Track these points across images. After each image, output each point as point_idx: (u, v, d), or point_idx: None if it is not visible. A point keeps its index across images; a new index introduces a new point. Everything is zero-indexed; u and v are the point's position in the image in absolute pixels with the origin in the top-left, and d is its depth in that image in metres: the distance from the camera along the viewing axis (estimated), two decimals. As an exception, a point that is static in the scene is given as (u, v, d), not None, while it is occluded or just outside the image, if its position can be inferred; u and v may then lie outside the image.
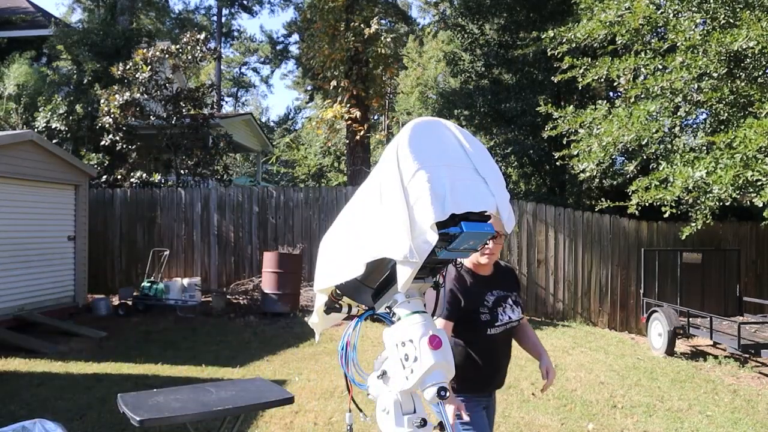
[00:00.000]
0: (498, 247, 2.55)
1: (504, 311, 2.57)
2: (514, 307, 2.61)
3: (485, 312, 2.52)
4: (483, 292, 2.56)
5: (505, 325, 2.56)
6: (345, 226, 1.76)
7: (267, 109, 54.37)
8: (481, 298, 2.55)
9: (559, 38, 7.54)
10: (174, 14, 29.66)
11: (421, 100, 22.03)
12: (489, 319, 2.51)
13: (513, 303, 2.61)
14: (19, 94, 11.99)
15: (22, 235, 7.87)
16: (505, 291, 2.62)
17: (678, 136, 7.34)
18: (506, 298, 2.60)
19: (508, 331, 2.62)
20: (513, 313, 2.59)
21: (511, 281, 2.70)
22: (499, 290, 2.60)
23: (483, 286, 2.58)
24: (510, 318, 2.57)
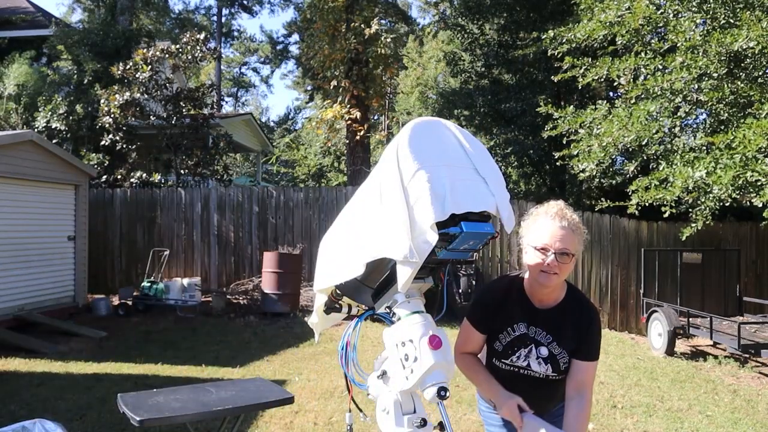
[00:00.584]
0: (563, 267, 1.93)
1: (524, 356, 2.06)
2: (543, 363, 2.03)
3: (500, 342, 2.09)
4: (517, 318, 2.07)
5: (515, 369, 2.08)
6: (345, 226, 1.76)
7: (267, 109, 54.40)
8: (510, 322, 2.07)
9: (559, 38, 7.54)
10: (174, 14, 29.65)
11: (421, 100, 22.03)
12: (500, 351, 2.09)
13: (546, 358, 2.03)
14: (19, 94, 11.99)
15: (22, 235, 7.87)
16: (544, 332, 2.04)
17: (678, 137, 7.33)
18: (538, 346, 2.04)
19: (532, 380, 2.08)
20: (539, 366, 2.04)
21: (570, 330, 2.03)
22: (538, 328, 2.04)
23: (522, 311, 2.06)
24: (528, 366, 2.05)
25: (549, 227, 1.95)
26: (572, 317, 2.04)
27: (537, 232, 1.98)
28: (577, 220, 2.00)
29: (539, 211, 2.03)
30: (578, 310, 2.05)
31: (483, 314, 2.11)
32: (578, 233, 1.97)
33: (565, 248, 1.92)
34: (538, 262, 1.94)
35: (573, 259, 1.95)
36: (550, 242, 1.92)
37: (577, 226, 1.97)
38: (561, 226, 1.94)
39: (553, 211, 1.98)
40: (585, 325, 2.03)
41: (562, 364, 2.03)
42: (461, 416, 4.77)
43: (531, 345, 2.05)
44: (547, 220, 1.96)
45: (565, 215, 1.97)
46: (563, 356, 2.03)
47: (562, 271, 1.94)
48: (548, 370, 2.03)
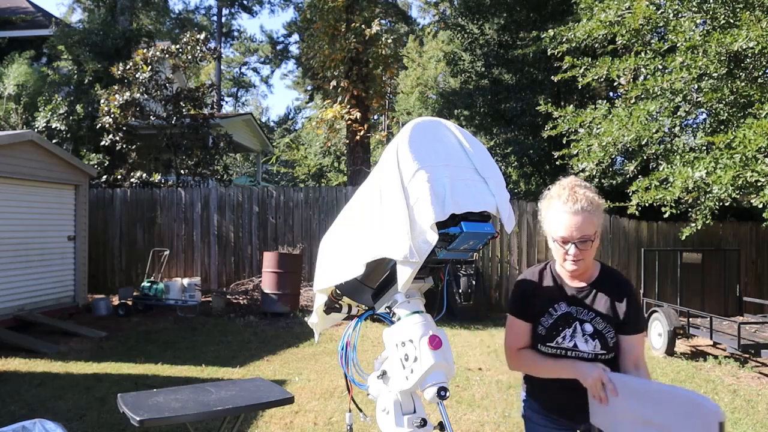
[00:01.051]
0: (586, 252, 1.93)
1: (569, 335, 2.00)
2: (590, 340, 1.98)
3: (543, 326, 2.04)
4: (555, 299, 2.05)
5: (563, 351, 2.00)
6: (345, 226, 1.76)
7: (267, 109, 54.45)
8: (549, 304, 2.05)
9: (559, 38, 7.55)
10: (174, 14, 29.66)
11: (421, 100, 22.04)
12: (543, 335, 2.03)
13: (592, 334, 1.98)
14: (19, 94, 11.99)
15: (22, 235, 7.87)
16: (585, 310, 2.01)
17: (678, 137, 7.34)
18: (582, 323, 2.00)
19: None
20: (586, 344, 1.98)
21: (611, 304, 2.01)
22: (578, 307, 2.02)
23: (560, 292, 2.06)
24: (575, 347, 1.99)
25: (564, 217, 1.91)
26: (610, 292, 2.02)
27: (553, 222, 1.95)
28: (591, 194, 1.94)
29: (552, 193, 1.99)
30: (614, 284, 2.04)
31: (523, 302, 2.08)
32: (594, 210, 1.92)
33: (583, 236, 1.90)
34: (561, 253, 1.96)
35: (595, 237, 1.94)
36: (567, 234, 1.90)
37: (592, 202, 1.92)
38: (575, 212, 1.89)
39: (565, 195, 1.93)
40: (625, 297, 2.01)
41: (610, 340, 1.98)
42: (461, 416, 4.77)
43: (575, 323, 2.00)
44: (560, 207, 1.92)
45: (577, 196, 1.92)
46: (609, 331, 1.98)
47: (586, 256, 1.94)
48: (596, 347, 1.97)
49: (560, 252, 1.95)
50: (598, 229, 1.95)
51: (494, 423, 4.62)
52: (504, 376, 5.97)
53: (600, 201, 1.96)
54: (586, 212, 1.90)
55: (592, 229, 1.91)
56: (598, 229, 1.94)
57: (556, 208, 1.95)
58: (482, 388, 5.54)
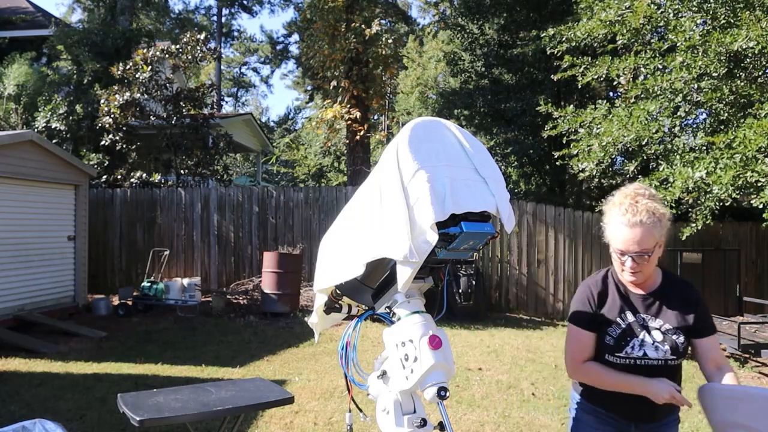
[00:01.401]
0: (644, 265, 1.92)
1: (638, 345, 1.97)
2: (660, 347, 1.96)
3: (611, 335, 2.00)
4: (621, 308, 2.02)
5: (632, 361, 1.97)
6: (345, 226, 1.76)
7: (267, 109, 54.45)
8: (615, 313, 2.02)
9: (559, 37, 7.54)
10: (174, 14, 29.64)
11: (421, 100, 22.05)
12: (612, 345, 1.99)
13: (662, 340, 1.96)
14: (19, 94, 11.99)
15: (22, 235, 7.87)
16: (653, 317, 1.99)
17: (678, 137, 7.34)
18: (650, 331, 1.98)
19: (647, 371, 1.97)
20: (656, 351, 1.95)
21: (679, 309, 2.00)
22: (646, 314, 2.00)
23: (626, 301, 2.03)
24: (644, 355, 1.96)
25: (621, 229, 1.90)
26: (676, 297, 2.00)
27: (612, 231, 1.94)
28: (653, 205, 1.88)
29: (615, 200, 1.96)
30: (680, 289, 2.03)
31: (588, 312, 2.05)
32: (655, 223, 1.87)
33: (641, 250, 1.88)
34: (618, 263, 1.97)
35: (656, 251, 1.90)
36: (623, 247, 1.90)
37: (654, 214, 1.87)
38: (633, 225, 1.86)
39: (625, 204, 1.90)
40: (693, 301, 2.00)
41: (680, 345, 1.96)
42: (461, 416, 4.77)
43: (643, 332, 1.98)
44: (618, 218, 1.90)
45: (638, 207, 1.87)
46: (678, 336, 1.96)
47: (644, 268, 1.93)
48: (667, 354, 1.96)
49: (617, 263, 1.98)
50: (661, 240, 1.91)
51: (494, 423, 4.63)
52: (504, 376, 5.97)
53: (663, 211, 1.91)
54: (645, 225, 1.86)
55: (651, 243, 1.88)
56: (660, 241, 1.91)
57: (615, 218, 1.93)
58: (482, 388, 5.54)
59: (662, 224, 1.89)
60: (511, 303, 9.84)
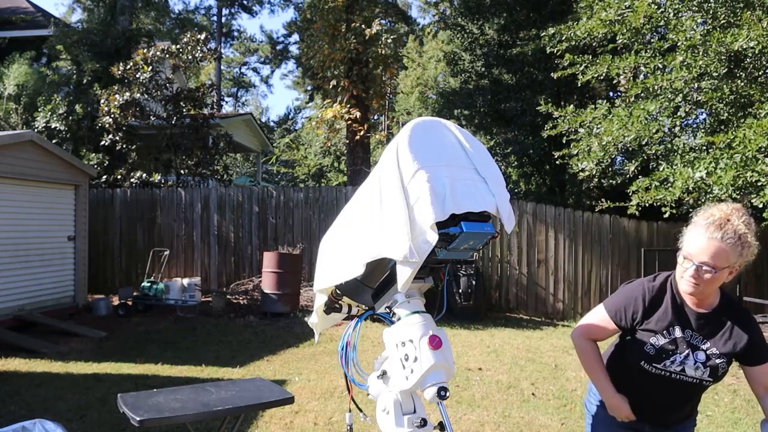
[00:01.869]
0: (705, 281, 1.87)
1: (679, 360, 1.97)
2: (701, 368, 1.96)
3: (653, 345, 1.99)
4: (672, 321, 1.99)
5: (667, 374, 1.99)
6: (345, 226, 1.76)
7: (267, 109, 54.47)
8: (664, 324, 1.99)
9: (559, 36, 7.54)
10: (174, 14, 29.64)
11: (421, 100, 22.05)
12: (651, 355, 1.99)
13: (705, 362, 1.96)
14: (19, 94, 11.99)
15: (22, 235, 7.87)
16: (701, 337, 1.97)
17: (678, 136, 7.33)
18: (695, 351, 1.97)
19: (680, 385, 2.01)
20: (695, 371, 1.97)
21: (730, 336, 1.97)
22: (695, 332, 1.98)
23: (679, 314, 1.99)
24: (683, 371, 1.98)
25: (699, 237, 1.87)
26: (731, 321, 1.97)
27: (690, 236, 1.92)
28: (743, 230, 1.83)
29: (709, 211, 1.92)
30: (736, 314, 1.99)
31: (632, 309, 2.03)
32: (735, 246, 1.82)
33: (708, 263, 1.83)
34: (680, 269, 1.95)
35: (723, 272, 1.84)
36: (693, 253, 1.87)
37: (739, 238, 1.82)
38: (711, 238, 1.83)
39: (710, 220, 1.87)
40: (747, 327, 1.97)
41: (720, 370, 1.96)
42: (461, 416, 4.77)
43: (688, 350, 1.96)
44: (702, 228, 1.87)
45: (725, 226, 1.84)
46: (721, 361, 1.95)
47: (705, 284, 1.88)
48: (704, 375, 1.96)
49: (680, 268, 1.95)
50: (735, 267, 1.86)
51: (494, 423, 4.62)
52: (504, 376, 5.97)
53: (749, 240, 1.85)
54: (724, 243, 1.83)
55: (722, 263, 1.83)
56: (734, 267, 1.86)
57: (699, 226, 1.90)
58: (482, 388, 5.54)
59: (744, 251, 1.85)
60: (511, 303, 9.84)
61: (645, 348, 1.99)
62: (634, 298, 2.06)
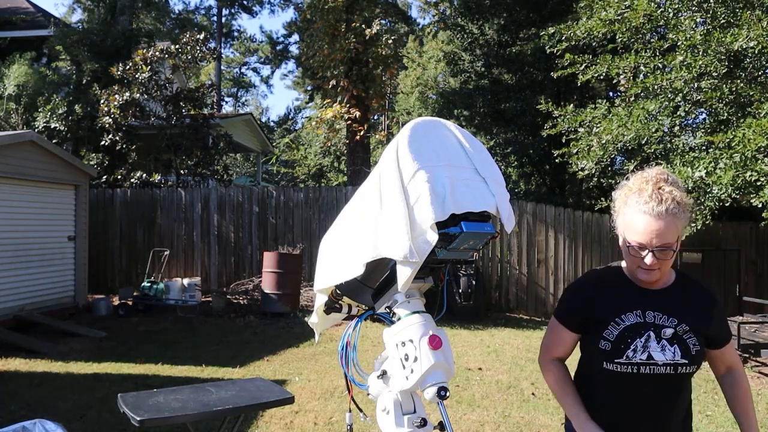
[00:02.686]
0: (664, 262, 1.66)
1: (641, 347, 1.70)
2: (668, 346, 1.69)
3: (608, 338, 1.72)
4: (621, 306, 1.75)
5: (635, 368, 1.69)
6: (345, 226, 1.76)
7: (267, 109, 54.47)
8: (613, 312, 1.74)
9: (559, 36, 7.55)
10: (174, 14, 29.63)
11: (421, 100, 22.05)
12: (609, 351, 1.72)
13: (671, 339, 1.69)
14: (19, 95, 11.99)
15: (22, 235, 7.87)
16: (665, 316, 1.72)
17: (677, 136, 7.34)
18: (660, 329, 1.70)
19: (654, 382, 1.70)
20: (663, 353, 1.68)
21: (695, 311, 1.74)
22: (656, 312, 1.72)
23: (629, 297, 1.76)
24: (650, 359, 1.69)
25: (643, 219, 1.64)
26: (693, 295, 1.77)
27: (630, 223, 1.68)
28: (678, 193, 1.64)
29: (632, 185, 1.70)
30: (697, 289, 1.79)
31: (576, 307, 1.83)
32: (680, 213, 1.63)
33: (664, 244, 1.63)
34: (634, 260, 1.70)
35: (677, 246, 1.65)
36: (645, 241, 1.64)
37: (679, 204, 1.63)
38: (658, 215, 1.61)
39: (648, 191, 1.65)
40: (710, 303, 1.77)
41: (693, 347, 1.69)
42: (461, 416, 4.77)
43: (649, 331, 1.70)
44: (639, 206, 1.64)
45: (663, 194, 1.63)
46: (692, 338, 1.69)
47: (664, 265, 1.67)
48: (676, 355, 1.67)
49: (633, 259, 1.69)
50: (682, 233, 1.67)
51: (494, 423, 4.63)
52: (504, 376, 5.97)
53: (688, 201, 1.67)
54: (670, 216, 1.62)
55: (674, 236, 1.64)
56: (681, 234, 1.66)
57: (634, 205, 1.67)
58: (482, 388, 5.54)
59: (686, 215, 1.66)
60: (511, 303, 9.84)
61: (600, 346, 1.73)
62: (579, 291, 1.86)
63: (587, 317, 1.79)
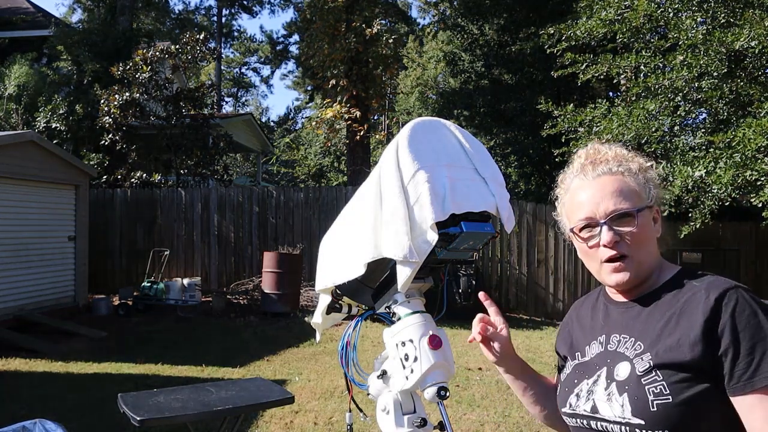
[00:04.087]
0: (633, 239, 1.16)
1: (586, 390, 1.18)
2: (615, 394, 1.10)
3: (563, 377, 1.30)
4: (589, 334, 1.28)
5: (581, 420, 1.18)
6: (345, 226, 1.76)
7: (267, 109, 54.44)
8: (580, 343, 1.29)
9: (558, 35, 7.55)
10: (174, 14, 29.65)
11: (421, 100, 22.04)
12: (560, 392, 1.29)
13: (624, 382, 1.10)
14: (20, 95, 12.00)
15: (22, 235, 7.87)
16: (630, 340, 1.15)
17: (678, 136, 7.34)
18: (615, 364, 1.14)
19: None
20: (609, 404, 1.11)
21: (671, 322, 1.10)
22: (622, 335, 1.17)
23: (598, 318, 1.28)
24: (595, 412, 1.14)
25: (583, 192, 1.24)
26: (685, 307, 1.10)
27: (571, 207, 1.28)
28: (619, 151, 1.26)
29: (568, 170, 1.34)
30: (695, 293, 1.11)
31: (558, 346, 1.42)
32: (633, 174, 1.21)
33: (618, 208, 1.17)
34: (589, 252, 1.21)
35: (646, 218, 1.17)
36: (589, 210, 1.20)
37: (625, 160, 1.24)
38: (597, 177, 1.22)
39: (582, 160, 1.29)
40: (710, 314, 1.05)
41: (654, 398, 1.04)
42: (461, 416, 4.77)
43: (602, 369, 1.16)
44: (576, 182, 1.27)
45: (600, 156, 1.26)
46: (656, 381, 1.05)
47: (635, 244, 1.15)
48: (625, 411, 1.07)
49: (591, 253, 1.21)
50: (651, 203, 1.20)
51: (494, 423, 4.63)
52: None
53: (640, 160, 1.25)
54: (615, 175, 1.21)
55: (631, 198, 1.17)
56: (650, 203, 1.20)
57: (570, 190, 1.29)
58: (482, 388, 5.54)
59: (643, 176, 1.22)
60: (511, 303, 9.84)
61: (558, 385, 1.31)
62: (562, 326, 1.44)
63: (558, 348, 1.41)
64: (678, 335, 1.07)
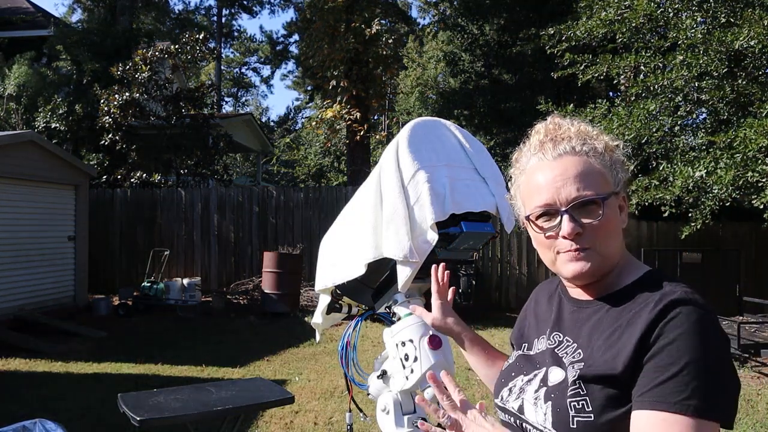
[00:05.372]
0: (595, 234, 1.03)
1: (519, 387, 1.14)
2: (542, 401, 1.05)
3: (504, 366, 1.26)
4: (541, 327, 1.21)
5: (510, 416, 1.17)
6: (345, 226, 1.76)
7: (267, 109, 54.47)
8: (530, 336, 1.22)
9: (559, 36, 7.55)
10: (174, 14, 29.64)
11: (421, 100, 22.03)
12: (497, 382, 1.24)
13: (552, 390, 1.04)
14: (20, 95, 12.00)
15: (22, 235, 7.87)
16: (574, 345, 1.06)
17: (678, 136, 7.34)
18: (552, 365, 1.08)
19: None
20: (534, 409, 1.06)
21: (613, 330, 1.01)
22: (567, 337, 1.10)
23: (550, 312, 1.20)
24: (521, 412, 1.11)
25: (541, 174, 1.07)
26: (633, 317, 0.99)
27: (527, 190, 1.11)
28: (583, 127, 1.12)
29: (524, 147, 1.16)
30: (647, 304, 0.99)
31: (514, 335, 1.32)
32: (598, 155, 1.07)
33: (582, 194, 1.02)
34: (545, 242, 1.07)
35: (611, 204, 1.04)
36: (550, 196, 1.05)
37: (589, 138, 1.09)
38: (558, 157, 1.07)
39: (536, 139, 1.13)
40: (657, 329, 0.95)
41: (573, 412, 0.98)
42: (461, 416, 4.77)
43: (541, 369, 1.10)
44: (535, 164, 1.10)
45: (560, 133, 1.11)
46: (580, 394, 0.98)
47: (599, 237, 1.02)
48: (547, 421, 1.02)
49: (544, 243, 1.08)
50: (618, 189, 1.07)
51: (494, 423, 4.62)
52: (504, 376, 5.97)
53: (606, 138, 1.11)
54: (579, 155, 1.06)
55: (596, 182, 1.04)
56: (617, 190, 1.06)
57: (529, 166, 1.12)
58: (482, 388, 5.54)
59: (612, 157, 1.08)
60: (511, 303, 9.84)
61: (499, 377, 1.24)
62: (521, 314, 1.35)
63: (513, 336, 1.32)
64: (616, 350, 0.97)
